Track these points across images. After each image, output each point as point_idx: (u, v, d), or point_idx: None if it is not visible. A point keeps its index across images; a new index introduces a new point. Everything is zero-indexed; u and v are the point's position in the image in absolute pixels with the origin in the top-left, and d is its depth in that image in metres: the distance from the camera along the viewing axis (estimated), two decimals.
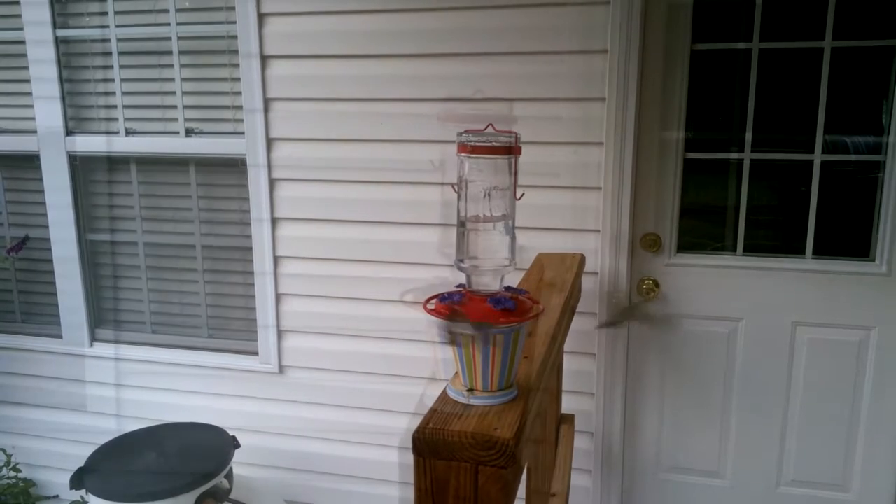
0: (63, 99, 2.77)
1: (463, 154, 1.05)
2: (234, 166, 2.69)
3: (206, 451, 2.27)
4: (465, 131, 1.06)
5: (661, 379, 2.48)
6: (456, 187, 1.09)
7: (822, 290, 2.30)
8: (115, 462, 2.20)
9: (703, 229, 2.48)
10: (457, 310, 1.03)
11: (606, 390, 2.43)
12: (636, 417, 2.51)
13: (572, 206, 2.25)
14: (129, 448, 2.28)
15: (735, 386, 2.42)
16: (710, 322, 2.40)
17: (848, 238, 2.34)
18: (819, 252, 2.32)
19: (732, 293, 2.37)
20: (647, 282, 2.40)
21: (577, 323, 2.29)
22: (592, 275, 2.33)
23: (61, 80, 2.76)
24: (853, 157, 2.28)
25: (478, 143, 1.03)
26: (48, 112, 2.77)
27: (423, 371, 2.55)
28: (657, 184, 2.35)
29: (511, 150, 1.04)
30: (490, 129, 1.06)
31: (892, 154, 2.21)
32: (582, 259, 2.21)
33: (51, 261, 2.91)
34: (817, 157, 2.27)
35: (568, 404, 2.38)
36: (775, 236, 2.46)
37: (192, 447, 2.30)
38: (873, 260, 2.28)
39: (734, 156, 2.33)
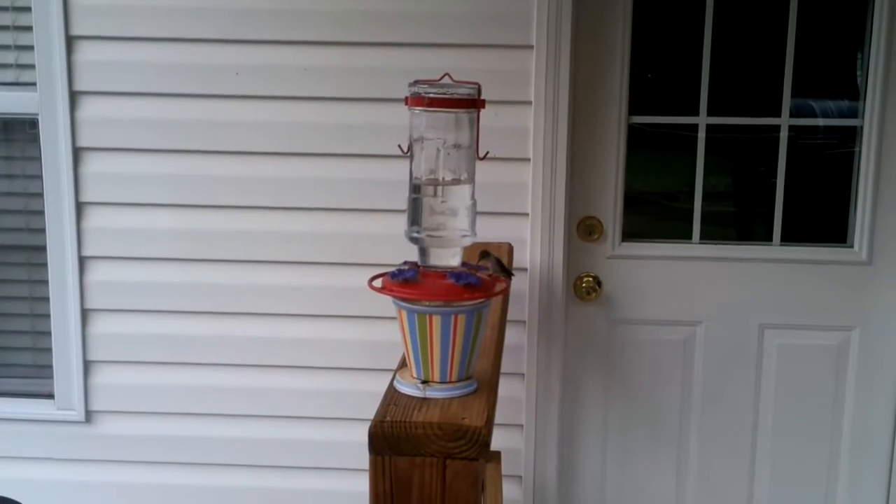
0: None
1: (417, 108, 1.35)
2: (21, 130, 2.84)
3: None
4: (417, 81, 1.37)
5: (604, 403, 2.88)
6: (406, 147, 1.39)
7: (793, 283, 2.79)
8: None
9: (652, 212, 2.93)
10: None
11: (538, 421, 2.79)
12: (574, 454, 2.90)
13: (494, 184, 2.60)
14: None
15: (694, 406, 2.87)
16: (662, 328, 2.84)
17: (821, 221, 2.85)
18: (788, 238, 2.81)
19: (689, 290, 2.82)
20: (586, 279, 2.80)
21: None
22: (519, 271, 2.69)
23: None
24: (826, 122, 2.80)
25: (435, 95, 1.34)
26: None
27: (292, 406, 2.82)
28: (597, 155, 2.75)
29: (474, 102, 1.35)
30: (447, 80, 1.37)
31: (871, 118, 2.72)
32: (510, 250, 2.57)
33: None
34: (784, 122, 2.76)
35: (493, 439, 2.72)
36: (738, 220, 2.95)
37: None
38: (851, 246, 2.80)
39: (688, 120, 2.78)
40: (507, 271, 1.69)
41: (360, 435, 1.29)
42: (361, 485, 1.33)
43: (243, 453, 2.85)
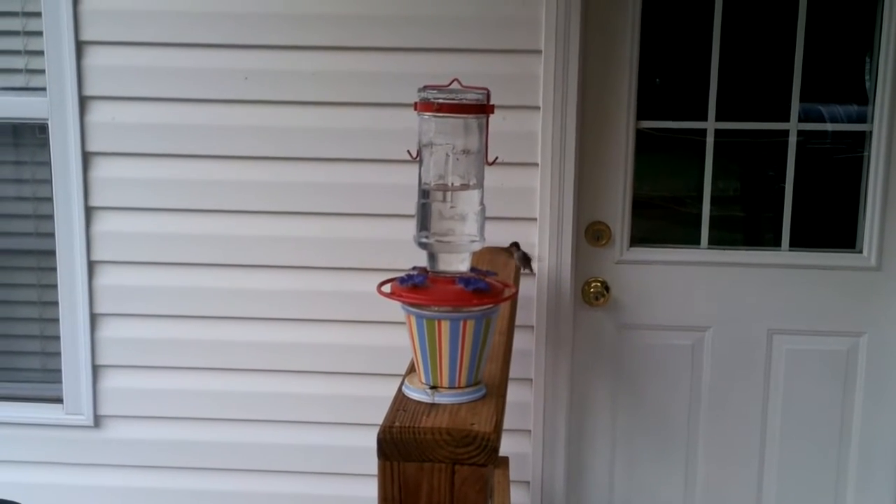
0: None
1: (427, 113, 1.35)
2: (31, 135, 2.85)
3: None
4: (427, 87, 1.37)
5: (612, 408, 2.88)
6: (415, 153, 1.39)
7: (802, 288, 2.79)
8: None
9: (660, 217, 2.92)
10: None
11: (546, 426, 2.79)
12: (582, 460, 2.90)
13: (502, 189, 2.60)
14: None
15: (702, 412, 2.87)
16: (671, 333, 2.84)
17: (830, 226, 2.85)
18: (797, 243, 2.81)
19: (697, 296, 2.81)
20: (594, 284, 2.80)
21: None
22: (528, 276, 2.69)
23: None
24: (834, 127, 2.80)
25: (445, 101, 1.34)
26: None
27: (301, 411, 2.82)
28: (605, 160, 2.76)
29: (483, 108, 1.35)
30: (455, 85, 1.37)
31: (880, 123, 2.72)
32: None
33: None
34: (793, 127, 2.76)
35: (501, 445, 2.72)
36: (746, 225, 2.94)
37: None
38: (860, 251, 2.79)
39: (696, 125, 2.78)
40: (528, 266, 1.70)
41: (369, 440, 1.29)
42: (370, 490, 1.33)
43: (252, 458, 2.85)
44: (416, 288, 1.37)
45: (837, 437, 2.86)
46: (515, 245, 2.59)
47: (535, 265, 2.64)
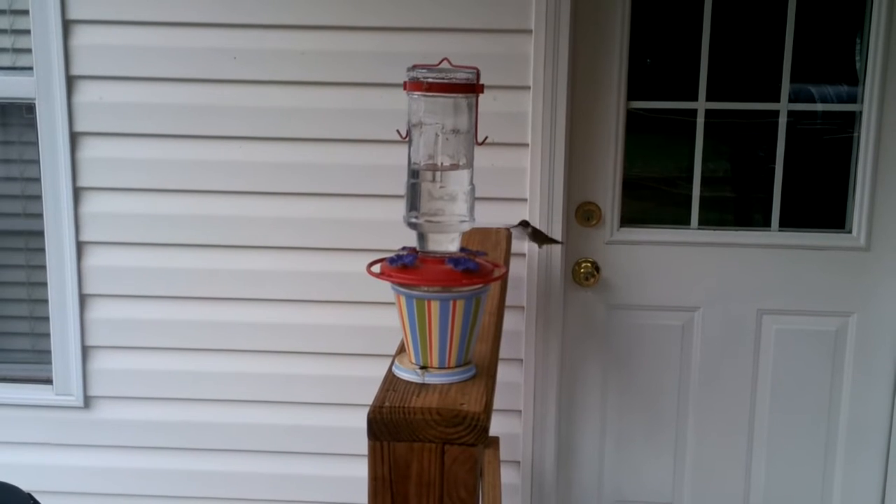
0: None
1: (416, 93, 1.34)
2: (18, 115, 2.83)
3: None
4: (416, 66, 1.36)
5: (602, 388, 2.90)
6: (404, 132, 1.39)
7: (792, 268, 2.80)
8: None
9: (650, 198, 2.93)
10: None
11: (536, 406, 2.80)
12: (573, 439, 2.91)
13: (493, 169, 2.61)
14: None
15: (692, 391, 2.88)
16: (661, 313, 2.85)
17: (819, 206, 2.86)
18: (786, 224, 2.82)
19: (687, 276, 2.82)
20: (584, 264, 2.80)
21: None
22: (518, 257, 2.70)
23: None
24: (825, 108, 2.81)
25: (434, 81, 1.33)
26: None
27: (291, 392, 2.83)
28: (595, 140, 2.75)
29: (473, 87, 1.35)
30: (445, 65, 1.36)
31: (870, 103, 2.72)
32: (509, 234, 2.57)
33: None
34: (783, 107, 2.76)
35: (491, 425, 2.73)
36: (736, 206, 2.95)
37: None
38: (849, 231, 2.80)
39: (687, 105, 2.78)
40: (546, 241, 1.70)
41: (359, 420, 1.29)
42: (360, 470, 1.34)
43: (242, 439, 2.86)
44: (405, 268, 1.37)
45: (826, 416, 2.88)
46: (525, 223, 2.60)
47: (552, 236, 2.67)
